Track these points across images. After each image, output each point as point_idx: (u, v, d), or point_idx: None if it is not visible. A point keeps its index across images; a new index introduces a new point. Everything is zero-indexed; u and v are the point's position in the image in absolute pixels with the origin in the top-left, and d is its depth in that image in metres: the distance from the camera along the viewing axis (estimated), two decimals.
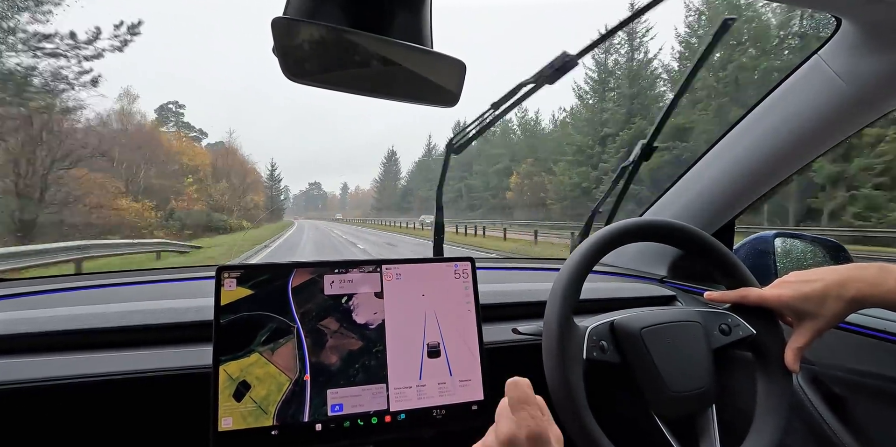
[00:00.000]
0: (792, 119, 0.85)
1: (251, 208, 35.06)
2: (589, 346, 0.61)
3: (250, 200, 36.66)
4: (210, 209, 26.68)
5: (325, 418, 0.63)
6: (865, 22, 0.68)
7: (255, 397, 0.61)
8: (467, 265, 0.75)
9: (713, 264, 0.71)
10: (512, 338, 0.81)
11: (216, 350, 0.61)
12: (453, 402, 0.68)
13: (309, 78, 0.54)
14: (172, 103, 40.77)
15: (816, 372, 0.78)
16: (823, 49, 0.77)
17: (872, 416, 0.71)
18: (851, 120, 0.81)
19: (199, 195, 27.67)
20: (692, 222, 0.87)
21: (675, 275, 1.13)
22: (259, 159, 64.97)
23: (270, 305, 0.65)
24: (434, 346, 0.70)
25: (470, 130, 0.85)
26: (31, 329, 0.68)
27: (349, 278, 0.69)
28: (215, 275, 0.64)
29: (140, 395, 0.67)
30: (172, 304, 0.77)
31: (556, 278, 0.63)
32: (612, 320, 0.66)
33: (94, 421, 0.68)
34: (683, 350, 0.64)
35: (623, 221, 0.69)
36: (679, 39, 26.59)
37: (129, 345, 0.70)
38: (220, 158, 35.09)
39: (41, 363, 0.64)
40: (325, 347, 0.65)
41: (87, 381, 0.63)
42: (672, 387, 0.61)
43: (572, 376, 0.57)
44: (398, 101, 0.61)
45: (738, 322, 0.67)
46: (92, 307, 0.75)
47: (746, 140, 0.94)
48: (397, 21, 0.56)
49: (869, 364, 0.72)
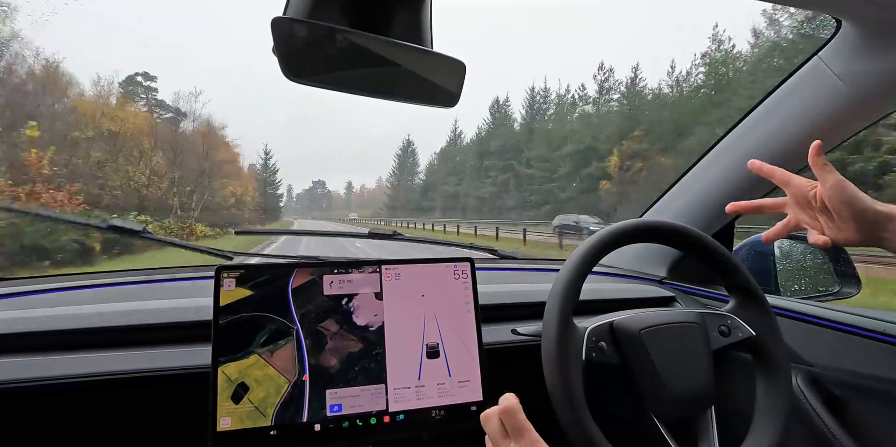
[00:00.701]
0: (792, 120, 0.85)
1: (226, 205, 24.53)
2: (588, 347, 0.61)
3: (229, 193, 25.70)
4: (138, 199, 17.23)
5: (324, 418, 0.63)
6: (866, 23, 0.68)
7: (254, 399, 0.61)
8: (466, 266, 0.75)
9: (713, 265, 0.71)
10: (511, 338, 0.81)
11: (215, 351, 0.61)
12: (452, 403, 0.68)
13: (309, 78, 0.54)
14: (141, 75, 29.47)
15: (815, 373, 0.78)
16: (823, 50, 0.77)
17: (872, 418, 0.71)
18: (851, 121, 0.81)
19: (71, 169, 14.65)
20: (692, 223, 0.87)
21: (675, 276, 1.13)
22: (254, 152, 52.83)
23: (270, 306, 0.65)
24: (433, 347, 0.70)
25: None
26: (30, 328, 0.68)
27: (349, 278, 0.69)
28: (214, 276, 0.64)
29: (139, 395, 0.67)
30: (172, 304, 0.77)
31: (555, 279, 0.63)
32: (612, 321, 0.66)
33: (93, 420, 0.68)
34: (683, 351, 0.64)
35: (623, 222, 0.69)
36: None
37: (129, 344, 0.70)
38: (176, 135, 24.33)
39: (40, 362, 0.64)
40: (325, 349, 0.65)
41: (87, 381, 0.63)
42: (671, 388, 0.61)
43: (571, 377, 0.57)
44: (398, 101, 0.61)
45: (737, 323, 0.67)
46: (91, 306, 0.75)
47: (747, 141, 0.94)
48: (397, 21, 0.56)
49: (868, 366, 0.72)
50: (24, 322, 0.69)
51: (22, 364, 0.64)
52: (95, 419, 0.68)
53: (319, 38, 0.53)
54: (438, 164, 64.76)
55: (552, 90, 48.78)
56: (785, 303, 0.87)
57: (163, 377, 0.66)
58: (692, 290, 1.05)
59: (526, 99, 49.05)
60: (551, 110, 45.49)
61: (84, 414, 0.67)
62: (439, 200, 58.72)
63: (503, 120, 51.98)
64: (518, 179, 41.89)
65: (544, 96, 47.42)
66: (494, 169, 47.36)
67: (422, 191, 66.76)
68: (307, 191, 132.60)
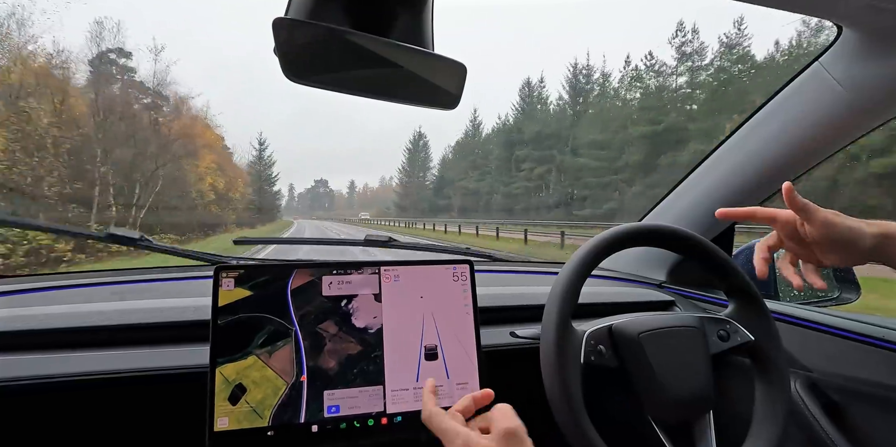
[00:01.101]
0: (792, 125, 0.85)
1: (203, 202, 16.65)
2: (587, 350, 0.61)
3: (208, 187, 18.76)
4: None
5: (322, 420, 0.63)
6: (866, 29, 0.68)
7: (251, 401, 0.61)
8: (466, 268, 0.75)
9: (712, 270, 0.71)
10: (510, 341, 0.81)
11: (213, 352, 0.61)
12: (450, 405, 0.68)
13: (309, 79, 0.54)
14: (114, 51, 21.66)
15: (814, 379, 0.77)
16: (824, 56, 0.77)
17: (870, 424, 0.71)
18: (852, 127, 0.82)
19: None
20: (691, 227, 0.87)
21: (674, 280, 1.13)
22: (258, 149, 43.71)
23: (269, 307, 0.65)
24: (431, 349, 0.69)
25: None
26: (28, 326, 0.68)
27: (348, 279, 0.69)
28: (213, 275, 0.64)
29: (137, 394, 0.67)
30: (171, 303, 0.77)
31: (554, 282, 0.63)
32: (611, 325, 0.66)
33: (90, 419, 0.68)
34: (681, 355, 0.64)
35: (622, 226, 0.69)
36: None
37: (127, 343, 0.70)
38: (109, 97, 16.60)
39: (38, 361, 0.64)
40: (323, 350, 0.65)
41: (84, 380, 0.63)
42: (670, 392, 0.61)
43: (570, 380, 0.57)
44: (398, 102, 0.61)
45: (736, 328, 0.67)
46: (90, 305, 0.75)
47: (747, 146, 0.94)
48: (398, 22, 0.56)
49: (867, 371, 0.72)
50: (23, 320, 0.69)
51: (20, 362, 0.63)
52: (93, 418, 0.68)
53: (320, 39, 0.53)
54: (454, 158, 58.65)
55: (595, 68, 41.21)
56: (784, 308, 0.87)
57: (161, 376, 0.65)
58: (691, 294, 1.05)
59: (567, 77, 41.91)
60: (598, 90, 37.94)
61: (82, 413, 0.67)
62: (457, 198, 52.72)
63: (537, 103, 45.41)
64: (562, 171, 34.61)
65: (587, 74, 40.54)
66: (529, 160, 39.87)
67: (435, 188, 60.95)
68: (309, 190, 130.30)
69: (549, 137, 38.92)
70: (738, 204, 1.01)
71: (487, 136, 53.85)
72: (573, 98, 41.40)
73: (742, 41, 28.21)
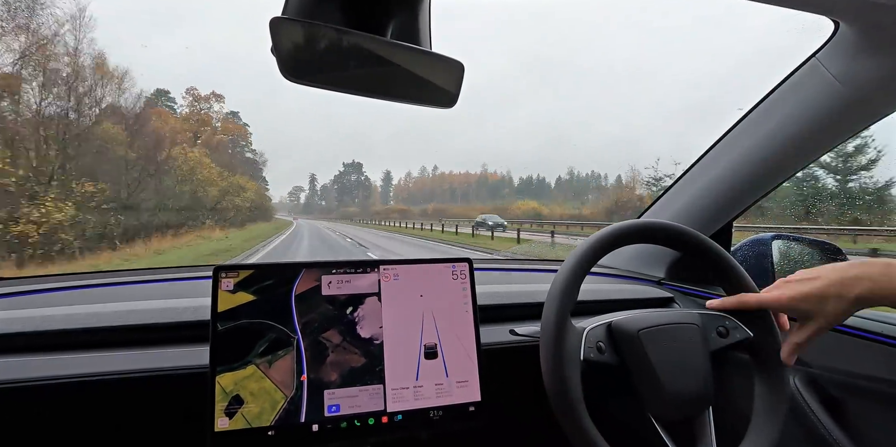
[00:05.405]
0: (789, 122, 0.85)
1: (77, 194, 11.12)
2: (586, 347, 0.61)
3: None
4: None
5: (322, 419, 0.63)
6: (863, 25, 0.68)
7: (247, 415, 0.60)
8: (465, 266, 0.75)
9: (710, 266, 0.71)
10: (509, 339, 0.81)
11: (212, 359, 0.61)
12: (450, 403, 0.68)
13: (307, 78, 0.54)
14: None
15: (813, 375, 0.78)
16: (821, 52, 0.77)
17: (869, 419, 0.72)
18: (849, 123, 0.82)
19: None
20: (690, 224, 0.87)
21: (673, 277, 1.13)
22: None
23: (272, 313, 0.64)
24: (431, 347, 0.69)
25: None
26: (28, 328, 0.68)
27: (347, 279, 0.69)
28: (212, 276, 0.63)
29: (137, 395, 0.67)
30: (170, 304, 0.77)
31: (553, 279, 0.63)
32: (610, 321, 0.66)
33: (91, 420, 0.68)
34: (681, 352, 0.64)
35: (621, 223, 0.69)
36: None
37: (127, 344, 0.70)
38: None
39: (37, 362, 0.64)
40: (326, 362, 0.65)
41: (84, 381, 0.63)
42: (669, 388, 0.61)
43: (569, 377, 0.57)
44: (396, 101, 0.61)
45: (735, 324, 0.67)
46: (89, 306, 0.75)
47: (744, 142, 0.94)
48: (396, 22, 0.56)
49: (866, 367, 0.72)
50: (21, 322, 0.69)
51: (18, 364, 0.63)
52: (92, 419, 0.68)
53: (318, 39, 0.53)
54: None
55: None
56: None
57: (160, 377, 0.65)
58: (690, 291, 1.05)
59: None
60: None
61: (81, 414, 0.67)
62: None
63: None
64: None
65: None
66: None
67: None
68: (336, 177, 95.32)
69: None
70: (736, 200, 1.01)
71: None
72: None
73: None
